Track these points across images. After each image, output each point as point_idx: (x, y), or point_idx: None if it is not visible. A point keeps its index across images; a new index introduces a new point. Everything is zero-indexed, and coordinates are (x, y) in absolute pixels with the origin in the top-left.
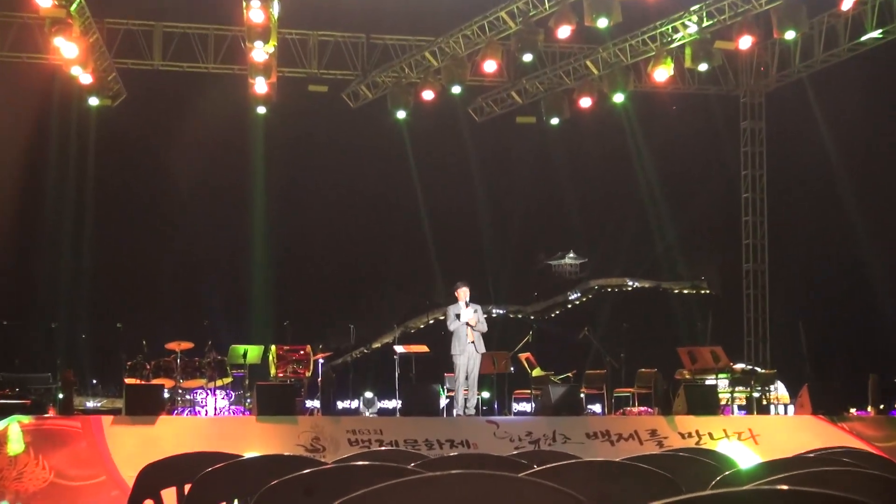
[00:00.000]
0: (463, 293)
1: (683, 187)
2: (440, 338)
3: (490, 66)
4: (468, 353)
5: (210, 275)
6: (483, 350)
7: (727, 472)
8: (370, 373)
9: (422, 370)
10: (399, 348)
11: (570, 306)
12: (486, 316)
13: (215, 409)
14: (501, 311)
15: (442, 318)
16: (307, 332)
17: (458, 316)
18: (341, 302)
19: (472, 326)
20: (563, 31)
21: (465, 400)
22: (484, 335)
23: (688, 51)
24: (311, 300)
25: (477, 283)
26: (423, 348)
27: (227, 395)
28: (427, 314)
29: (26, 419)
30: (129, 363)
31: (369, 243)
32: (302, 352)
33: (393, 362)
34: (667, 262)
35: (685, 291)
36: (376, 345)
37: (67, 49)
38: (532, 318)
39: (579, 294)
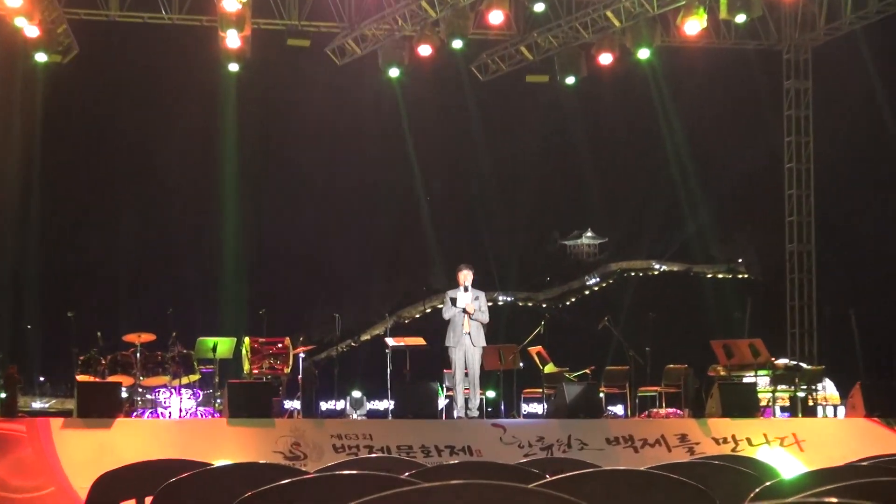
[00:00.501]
0: (464, 276)
1: (718, 156)
2: (438, 328)
3: (496, 17)
4: (464, 345)
5: (174, 256)
6: (482, 343)
7: (767, 483)
8: (358, 369)
9: (418, 366)
10: (391, 341)
11: (587, 293)
12: (490, 304)
13: (180, 410)
14: (509, 299)
15: (440, 305)
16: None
17: (454, 301)
18: (325, 288)
19: (469, 314)
20: None
21: (467, 400)
22: (489, 327)
23: (723, 0)
24: (290, 286)
25: (480, 267)
26: (419, 341)
27: (193, 394)
28: (423, 302)
29: None
30: (81, 358)
31: (358, 221)
32: (280, 345)
33: (384, 357)
34: (699, 242)
35: (720, 276)
36: (365, 337)
37: None
38: (544, 306)
39: (598, 279)
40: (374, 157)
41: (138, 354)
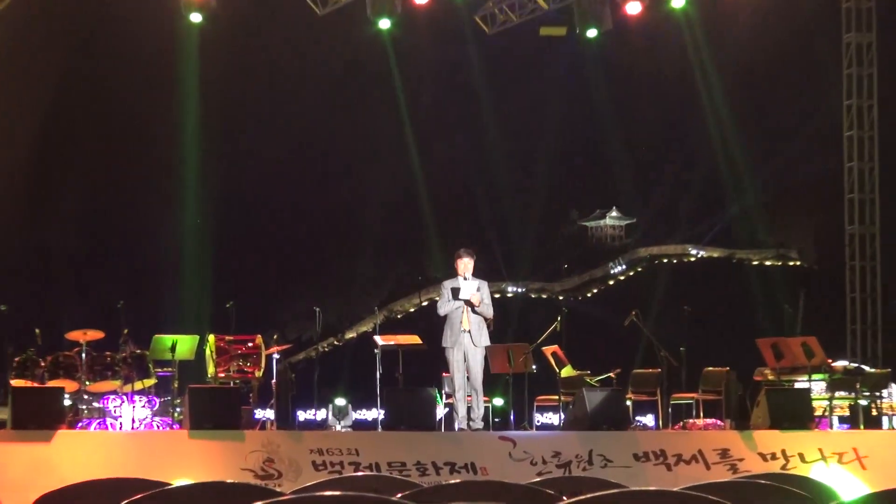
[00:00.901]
0: (464, 264)
1: (766, 124)
2: (437, 325)
3: None
4: (463, 345)
5: (126, 239)
6: (485, 342)
7: None
8: (343, 372)
9: (412, 369)
10: (381, 340)
11: (612, 283)
12: (497, 296)
13: (133, 420)
14: (520, 290)
15: (438, 298)
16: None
17: (455, 293)
18: (304, 277)
19: (473, 306)
20: None
21: (469, 409)
22: (495, 323)
23: None
24: (262, 274)
25: (486, 252)
26: (414, 340)
27: (148, 401)
28: (419, 293)
29: None
30: (16, 360)
31: (342, 198)
32: (250, 344)
33: (373, 358)
34: (744, 223)
35: (768, 263)
36: (350, 335)
37: None
38: (561, 298)
39: (625, 266)
40: (362, 123)
41: (83, 355)
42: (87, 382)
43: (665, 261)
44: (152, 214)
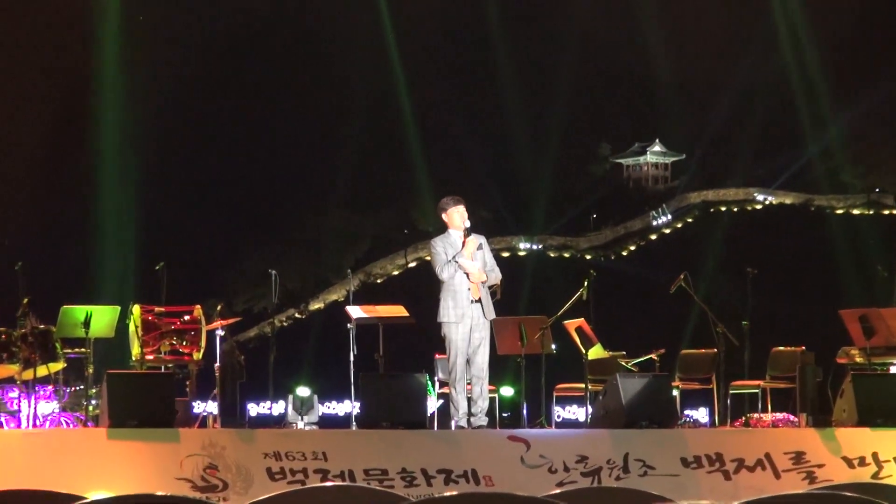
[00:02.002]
0: (459, 215)
1: (856, 35)
2: (427, 293)
3: None
4: (471, 319)
5: (24, 183)
6: (493, 314)
7: None
8: (307, 354)
9: (396, 349)
10: (356, 311)
11: (654, 237)
12: (506, 255)
13: (35, 416)
14: (535, 248)
15: (427, 257)
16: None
17: (451, 256)
18: (256, 230)
19: (469, 274)
20: None
21: (470, 401)
22: (501, 289)
23: None
24: (202, 228)
25: (488, 199)
26: (399, 311)
27: (55, 392)
28: (405, 252)
29: None
30: None
31: (309, 129)
32: (187, 317)
33: (346, 335)
34: (824, 163)
35: (856, 212)
36: (317, 305)
37: None
38: (588, 257)
39: (670, 216)
40: (335, 35)
41: None
42: None
43: (723, 209)
44: (62, 159)
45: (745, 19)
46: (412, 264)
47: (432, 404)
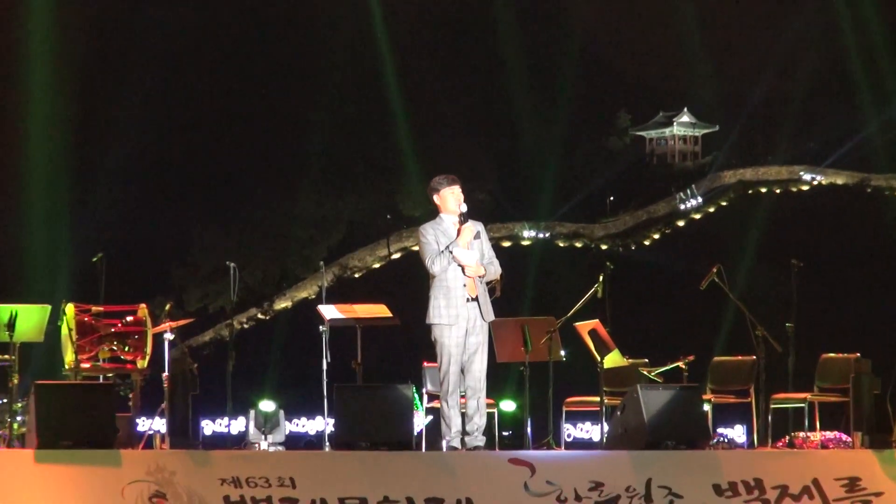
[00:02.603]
0: (454, 197)
1: None
2: (413, 289)
3: None
4: (467, 320)
5: None
6: (491, 316)
7: None
8: (271, 361)
9: (378, 356)
10: (330, 310)
11: (682, 224)
12: (507, 245)
13: None
14: (541, 236)
15: (415, 247)
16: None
17: (443, 245)
18: (213, 215)
19: (465, 267)
20: None
21: (466, 417)
22: (501, 286)
23: None
24: (148, 211)
25: (484, 179)
26: (380, 311)
27: None
28: (387, 241)
29: None
30: None
31: (271, 106)
32: (130, 318)
33: (318, 340)
34: (884, 137)
35: None
36: (284, 304)
37: None
38: (604, 248)
39: (702, 199)
40: None
41: None
42: None
43: (764, 190)
44: None
45: None
46: (396, 255)
47: (420, 421)
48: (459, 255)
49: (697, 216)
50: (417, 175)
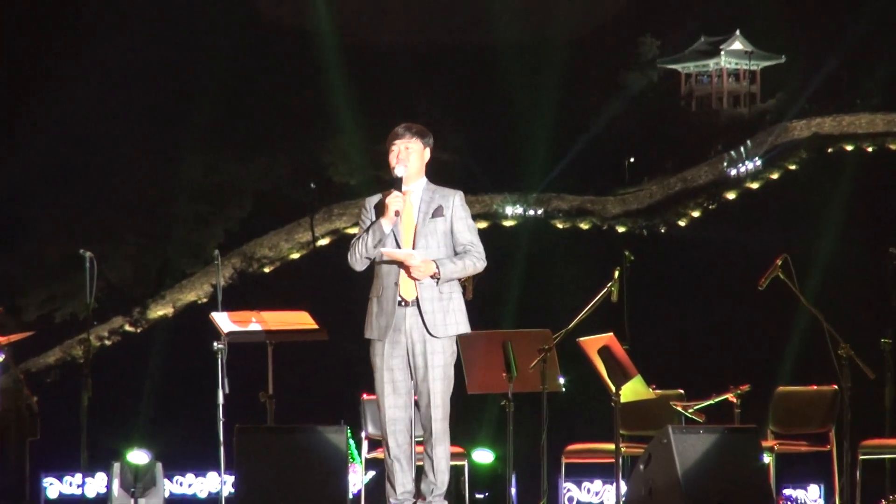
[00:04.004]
0: (393, 156)
1: None
2: (349, 289)
3: None
4: (404, 335)
5: None
6: (458, 327)
7: None
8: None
9: (298, 385)
10: (228, 320)
11: (732, 195)
12: (482, 226)
13: None
14: (530, 213)
15: (351, 229)
16: None
17: (378, 232)
18: (57, 189)
19: (435, 276)
20: None
21: (422, 472)
22: (473, 285)
23: None
24: None
25: (447, 132)
26: (301, 321)
27: None
28: (310, 221)
29: None
30: None
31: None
32: None
33: (211, 362)
34: None
35: None
36: (161, 310)
37: None
38: (621, 230)
39: (759, 160)
40: None
41: None
42: None
43: (849, 148)
44: None
45: None
46: (324, 241)
47: (356, 478)
48: (389, 252)
49: (754, 185)
50: (353, 127)
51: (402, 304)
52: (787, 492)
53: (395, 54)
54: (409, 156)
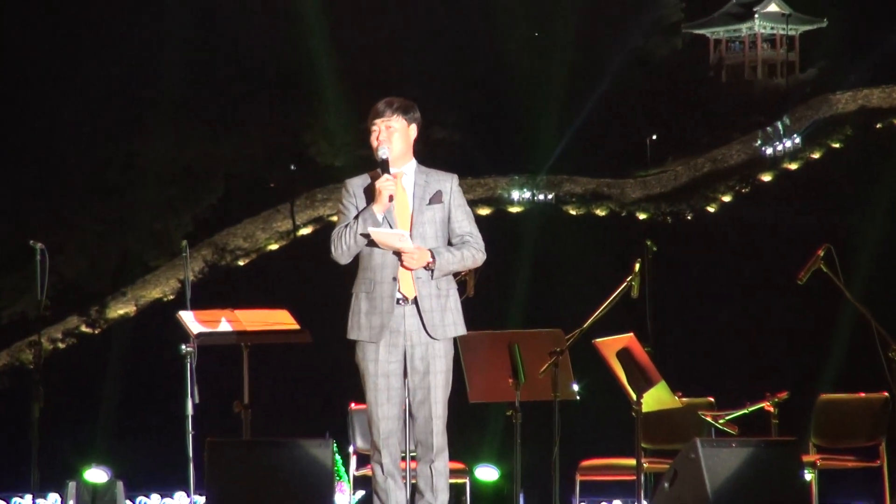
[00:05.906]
0: (373, 136)
1: None
2: (334, 284)
3: None
4: (403, 335)
5: None
6: (455, 329)
7: None
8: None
9: (276, 393)
10: (193, 321)
11: (768, 178)
12: (484, 213)
13: None
14: (538, 199)
15: (332, 215)
16: None
17: (367, 220)
18: (5, 171)
19: (401, 253)
20: None
21: (416, 492)
22: (475, 280)
23: None
24: None
25: (444, 106)
26: (280, 320)
27: None
28: (290, 208)
29: None
30: None
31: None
32: None
33: (178, 366)
34: None
35: None
36: (121, 309)
37: None
38: (642, 217)
39: (799, 138)
40: None
41: None
42: None
43: None
44: None
45: None
46: (305, 231)
47: (343, 499)
48: (378, 233)
49: (794, 165)
50: (338, 101)
51: (401, 301)
52: None
53: (382, 15)
54: (392, 136)
